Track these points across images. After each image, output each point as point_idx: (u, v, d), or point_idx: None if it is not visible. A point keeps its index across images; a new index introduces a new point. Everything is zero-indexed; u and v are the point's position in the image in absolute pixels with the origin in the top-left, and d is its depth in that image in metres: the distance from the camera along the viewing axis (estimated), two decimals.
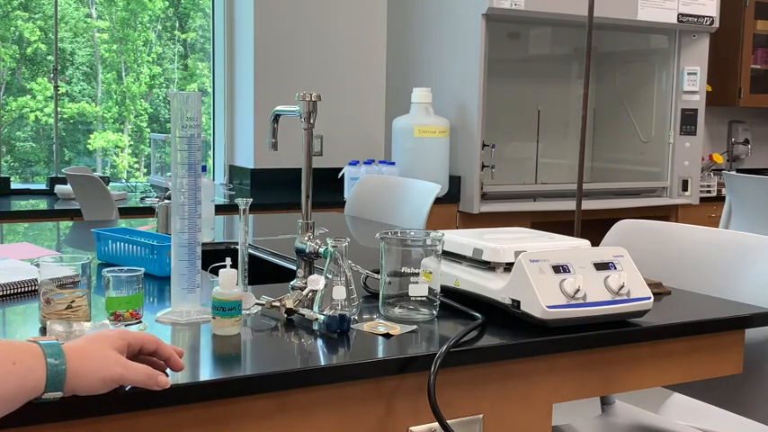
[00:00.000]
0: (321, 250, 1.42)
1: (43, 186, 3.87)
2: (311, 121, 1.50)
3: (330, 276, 1.33)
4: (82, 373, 0.93)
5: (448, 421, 1.14)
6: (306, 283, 1.40)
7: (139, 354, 1.01)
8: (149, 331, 1.26)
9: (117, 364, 0.95)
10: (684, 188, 4.30)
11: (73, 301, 1.25)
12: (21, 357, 0.89)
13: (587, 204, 3.25)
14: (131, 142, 5.32)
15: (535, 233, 1.56)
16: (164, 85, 5.32)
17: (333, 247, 1.34)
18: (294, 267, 1.62)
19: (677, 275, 1.74)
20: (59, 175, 3.72)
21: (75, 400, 0.95)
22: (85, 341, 0.97)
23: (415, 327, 1.31)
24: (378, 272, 1.42)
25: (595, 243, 1.60)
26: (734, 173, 4.27)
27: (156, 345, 1.02)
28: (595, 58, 4.40)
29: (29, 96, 5.01)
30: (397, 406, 1.18)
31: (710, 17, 4.15)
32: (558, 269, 1.31)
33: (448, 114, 3.86)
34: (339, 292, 1.32)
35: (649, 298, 1.36)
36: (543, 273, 1.30)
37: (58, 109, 4.00)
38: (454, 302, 1.40)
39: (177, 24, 5.23)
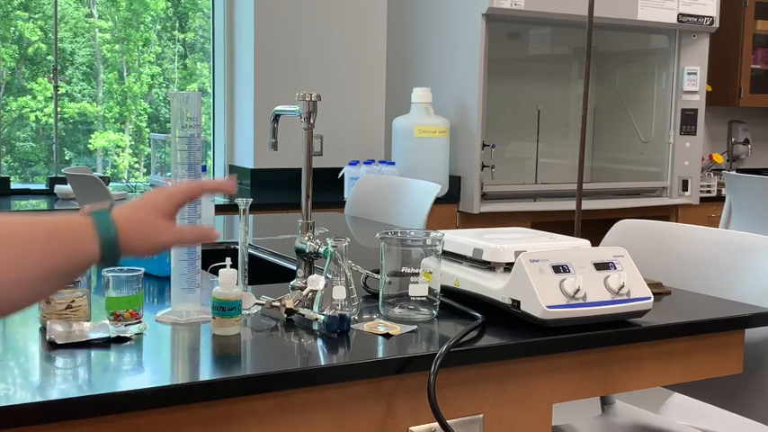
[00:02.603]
0: (321, 250, 1.42)
1: (43, 186, 3.87)
2: (311, 121, 1.50)
3: (330, 276, 1.33)
4: (132, 245, 0.97)
5: (448, 421, 1.14)
6: (306, 283, 1.40)
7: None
8: (149, 331, 1.26)
9: (167, 234, 1.01)
10: (684, 188, 4.29)
11: (73, 301, 1.25)
12: (76, 232, 0.94)
13: (587, 204, 3.25)
14: (131, 142, 5.32)
15: (535, 233, 1.56)
16: (164, 85, 5.32)
17: (333, 247, 1.34)
18: (294, 267, 1.62)
19: (677, 275, 1.74)
20: (59, 175, 3.72)
21: (76, 400, 0.95)
22: (135, 211, 1.00)
23: (415, 327, 1.31)
24: (378, 272, 1.42)
25: (595, 243, 1.60)
26: (734, 173, 4.27)
27: (200, 191, 1.06)
28: (595, 58, 4.40)
29: (29, 96, 5.01)
30: (396, 406, 1.18)
31: (710, 17, 4.15)
32: (558, 269, 1.31)
33: (448, 114, 3.86)
34: (339, 292, 1.32)
35: (649, 298, 1.36)
36: (543, 273, 1.30)
37: (59, 109, 4.00)
38: (454, 302, 1.40)
39: (177, 24, 5.23)
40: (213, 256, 1.73)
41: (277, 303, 1.35)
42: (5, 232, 0.91)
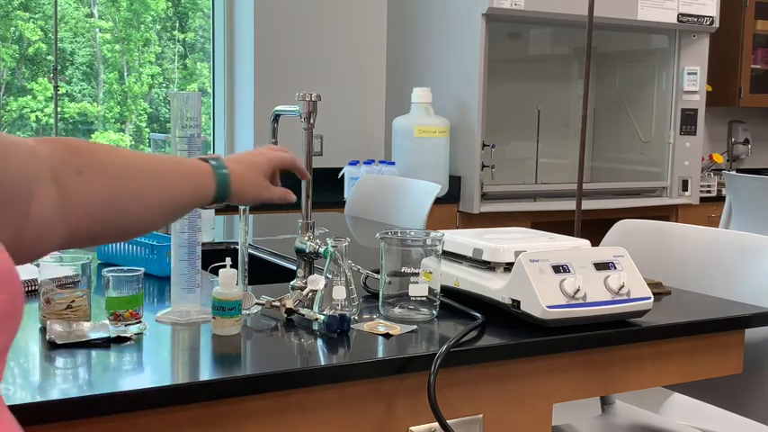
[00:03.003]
0: (321, 250, 1.42)
1: None
2: (311, 121, 1.50)
3: (330, 276, 1.33)
4: (239, 193, 1.18)
5: (448, 421, 1.14)
6: (306, 283, 1.40)
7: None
8: (149, 331, 1.26)
9: (265, 189, 1.23)
10: (684, 188, 4.30)
11: (73, 301, 1.25)
12: (198, 175, 1.15)
13: (587, 204, 3.25)
14: (132, 142, 5.32)
15: (535, 233, 1.56)
16: (164, 85, 5.32)
17: (333, 247, 1.34)
18: (294, 267, 1.62)
19: (677, 275, 1.74)
20: None
21: (76, 400, 0.95)
22: (244, 168, 1.20)
23: (415, 327, 1.31)
24: (378, 272, 1.42)
25: (595, 243, 1.60)
26: (734, 173, 4.27)
27: (293, 163, 1.29)
28: (595, 58, 4.40)
29: (29, 96, 5.01)
30: (396, 406, 1.18)
31: (710, 17, 4.15)
32: (558, 269, 1.31)
33: (448, 114, 3.86)
34: (339, 292, 1.32)
35: (649, 298, 1.36)
36: (543, 273, 1.30)
37: (59, 109, 4.00)
38: (454, 302, 1.40)
39: (177, 24, 5.23)
40: (213, 256, 1.73)
41: (277, 303, 1.35)
42: (151, 165, 1.12)
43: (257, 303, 1.38)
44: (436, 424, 1.16)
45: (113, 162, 1.09)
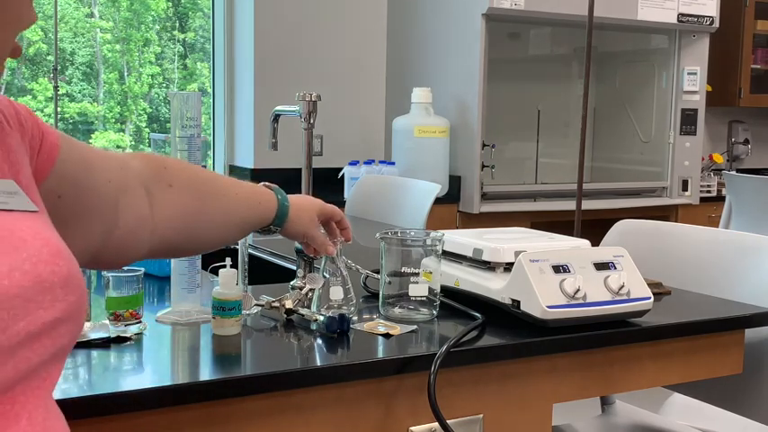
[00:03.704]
0: None
1: None
2: (311, 121, 1.50)
3: (327, 276, 1.33)
4: (293, 224, 1.28)
5: (448, 421, 1.14)
6: (305, 283, 1.40)
7: (328, 220, 1.36)
8: (149, 331, 1.26)
9: (315, 228, 1.32)
10: (684, 188, 4.29)
11: None
12: (264, 200, 1.26)
13: (587, 204, 3.25)
14: (132, 142, 5.32)
15: (535, 233, 1.56)
16: (164, 85, 5.32)
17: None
18: (294, 267, 1.62)
19: (677, 275, 1.74)
20: None
21: (76, 400, 0.95)
22: (300, 201, 1.31)
23: (415, 327, 1.31)
24: (378, 272, 1.42)
25: (595, 243, 1.60)
26: (734, 173, 4.27)
27: (340, 217, 1.38)
28: (595, 58, 4.40)
29: (29, 97, 5.01)
30: (396, 406, 1.18)
31: (710, 17, 4.15)
32: (558, 269, 1.31)
33: (448, 114, 3.86)
34: (336, 293, 1.32)
35: (649, 298, 1.36)
36: (543, 273, 1.30)
37: (59, 109, 4.00)
38: (454, 302, 1.40)
39: (177, 24, 5.23)
40: (213, 256, 1.73)
41: (277, 303, 1.35)
42: (230, 185, 1.22)
43: (257, 303, 1.38)
44: (436, 424, 1.16)
45: (200, 178, 1.18)
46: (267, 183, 1.31)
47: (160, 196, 1.11)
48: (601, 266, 1.35)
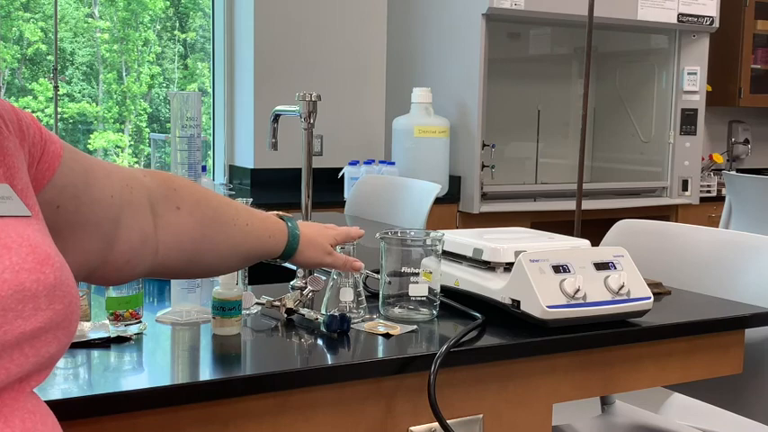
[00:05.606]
0: None
1: None
2: (311, 121, 1.50)
3: (337, 278, 1.33)
4: (304, 255, 1.26)
5: (448, 421, 1.14)
6: (306, 283, 1.40)
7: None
8: (149, 331, 1.26)
9: (327, 255, 1.30)
10: (684, 188, 4.29)
11: None
12: (275, 232, 1.23)
13: (587, 204, 3.25)
14: (131, 142, 5.32)
15: (535, 233, 1.56)
16: (164, 85, 5.32)
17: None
18: (294, 267, 1.62)
19: (677, 275, 1.74)
20: None
21: (76, 400, 0.95)
22: (312, 232, 1.28)
23: (415, 327, 1.31)
24: (378, 272, 1.42)
25: (595, 243, 1.60)
26: (734, 173, 4.27)
27: (350, 239, 1.35)
28: (595, 58, 4.40)
29: (30, 97, 5.01)
30: (397, 406, 1.18)
31: (710, 17, 4.15)
32: (558, 269, 1.31)
33: (448, 114, 3.86)
34: (347, 294, 1.32)
35: (649, 298, 1.36)
36: (543, 273, 1.30)
37: (59, 109, 4.00)
38: (454, 302, 1.40)
39: (177, 24, 5.23)
40: None
41: (277, 303, 1.35)
42: (239, 213, 1.18)
43: (257, 303, 1.38)
44: (436, 424, 1.16)
45: (210, 204, 1.15)
46: (281, 213, 1.28)
47: (165, 218, 1.09)
48: (601, 266, 1.35)
